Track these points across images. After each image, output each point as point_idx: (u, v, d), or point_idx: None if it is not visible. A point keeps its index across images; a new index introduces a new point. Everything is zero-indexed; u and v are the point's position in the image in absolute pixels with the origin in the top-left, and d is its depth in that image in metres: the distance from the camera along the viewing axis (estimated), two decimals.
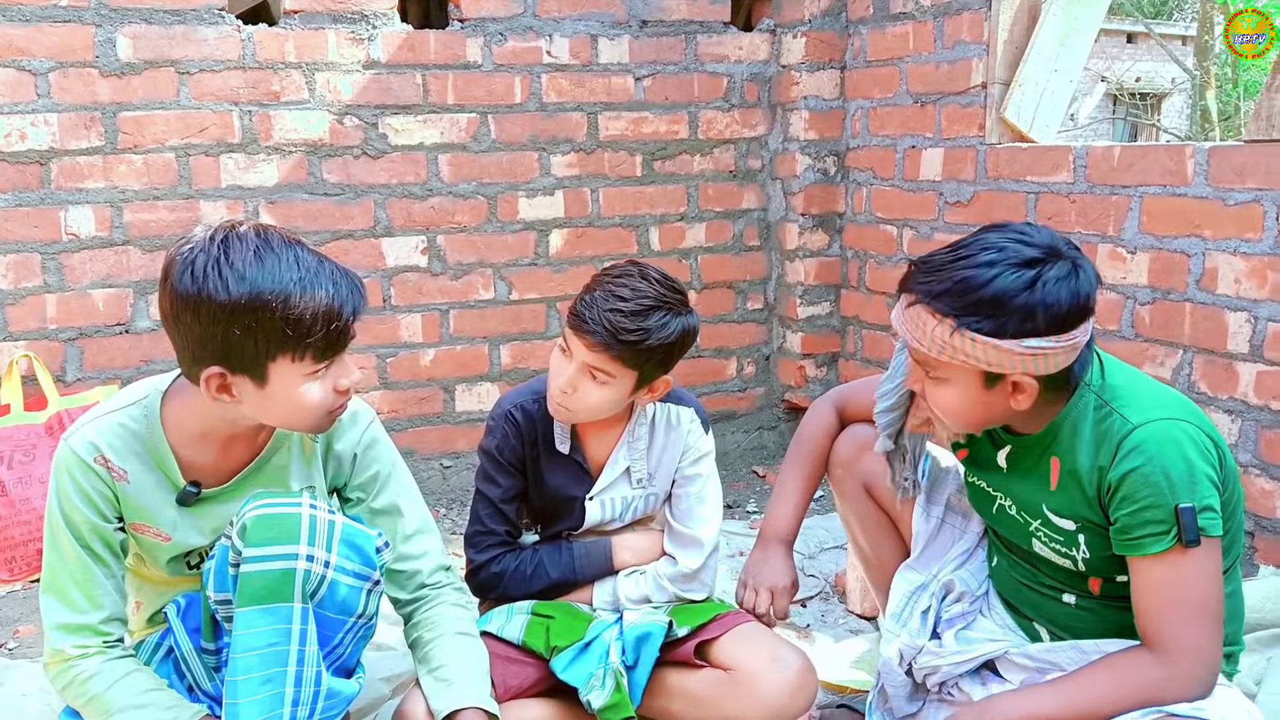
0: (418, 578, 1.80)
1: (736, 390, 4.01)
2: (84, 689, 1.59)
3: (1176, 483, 1.46)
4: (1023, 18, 3.17)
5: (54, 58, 3.04)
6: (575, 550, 2.01)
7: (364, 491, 1.79)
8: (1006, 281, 1.45)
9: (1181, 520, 1.45)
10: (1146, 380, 1.61)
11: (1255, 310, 2.54)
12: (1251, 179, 2.52)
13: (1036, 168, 3.08)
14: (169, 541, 1.66)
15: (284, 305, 1.46)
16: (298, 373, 1.52)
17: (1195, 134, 13.70)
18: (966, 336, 1.48)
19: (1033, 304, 1.45)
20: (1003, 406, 1.56)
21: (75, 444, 1.59)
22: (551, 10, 3.53)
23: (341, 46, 3.31)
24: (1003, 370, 1.50)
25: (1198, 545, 1.46)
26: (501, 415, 2.01)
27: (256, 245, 1.48)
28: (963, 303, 1.47)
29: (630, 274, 1.90)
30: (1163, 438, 1.48)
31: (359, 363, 3.45)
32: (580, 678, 1.87)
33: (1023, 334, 1.46)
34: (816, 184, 3.83)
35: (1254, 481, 2.58)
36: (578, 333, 1.86)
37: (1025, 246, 1.49)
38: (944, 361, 1.52)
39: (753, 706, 1.82)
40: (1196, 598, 1.48)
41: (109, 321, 3.20)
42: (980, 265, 1.47)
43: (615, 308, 1.84)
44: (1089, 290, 1.49)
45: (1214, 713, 1.46)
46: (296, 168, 3.32)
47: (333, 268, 1.53)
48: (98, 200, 3.14)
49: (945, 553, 1.89)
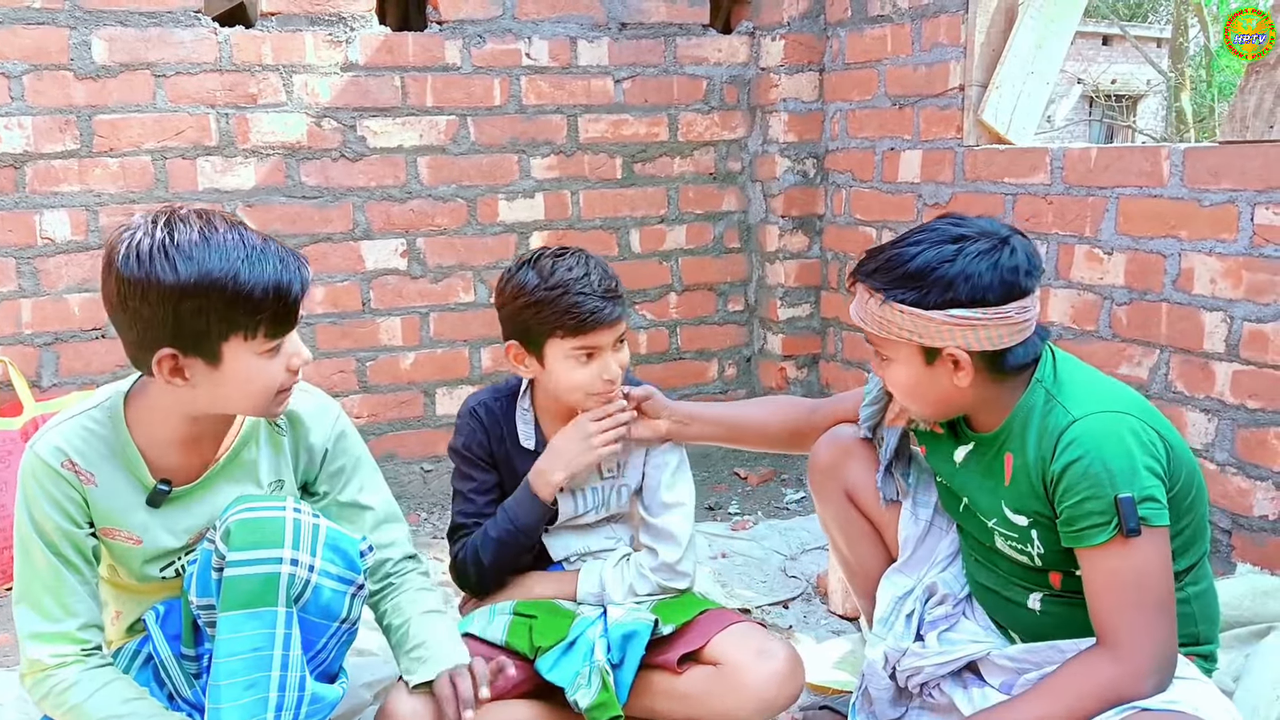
0: (384, 567, 1.82)
1: (718, 392, 4.02)
2: (62, 699, 1.57)
3: (1116, 474, 1.49)
4: (999, 20, 3.19)
5: (28, 60, 3.01)
6: (506, 504, 2.00)
7: (332, 483, 1.79)
8: (928, 255, 1.56)
9: (1121, 510, 1.48)
10: (1095, 375, 1.64)
11: (1231, 310, 2.56)
12: (1226, 180, 2.54)
13: (1014, 169, 3.10)
14: (140, 544, 1.65)
15: (233, 283, 1.47)
16: (250, 351, 1.53)
17: (1171, 135, 13.82)
18: (894, 308, 1.57)
19: (952, 275, 1.54)
20: (947, 385, 1.60)
21: (41, 450, 1.58)
22: (530, 12, 3.53)
23: (319, 49, 3.29)
24: (933, 342, 1.57)
25: (1139, 535, 1.49)
26: (466, 412, 2.05)
27: (200, 227, 1.49)
28: (889, 277, 1.58)
29: (537, 264, 1.91)
30: (1101, 430, 1.52)
31: (338, 366, 3.45)
32: (566, 677, 1.87)
33: (945, 304, 1.54)
34: (796, 186, 3.84)
35: (1230, 480, 2.61)
36: (597, 329, 1.87)
37: (956, 228, 1.59)
38: (883, 338, 1.62)
39: (742, 700, 1.82)
40: (1142, 589, 1.50)
41: (85, 326, 3.17)
42: (909, 244, 1.59)
43: (586, 277, 1.87)
44: (1014, 265, 1.55)
45: (1188, 706, 1.47)
46: (274, 171, 3.30)
47: (277, 246, 1.54)
48: (73, 204, 3.12)
49: (932, 555, 1.90)
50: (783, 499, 3.53)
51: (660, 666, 1.89)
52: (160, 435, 1.63)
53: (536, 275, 1.89)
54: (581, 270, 1.89)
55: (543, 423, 2.04)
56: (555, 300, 1.86)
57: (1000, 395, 1.62)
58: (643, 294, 3.85)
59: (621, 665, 1.87)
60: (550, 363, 1.92)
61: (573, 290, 1.86)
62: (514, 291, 1.91)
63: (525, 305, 1.89)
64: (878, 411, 1.89)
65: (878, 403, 1.88)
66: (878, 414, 1.89)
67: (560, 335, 1.88)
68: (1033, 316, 1.59)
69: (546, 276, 1.88)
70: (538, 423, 2.04)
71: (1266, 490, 2.53)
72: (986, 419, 1.67)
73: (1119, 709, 1.48)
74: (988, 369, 1.59)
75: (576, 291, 1.86)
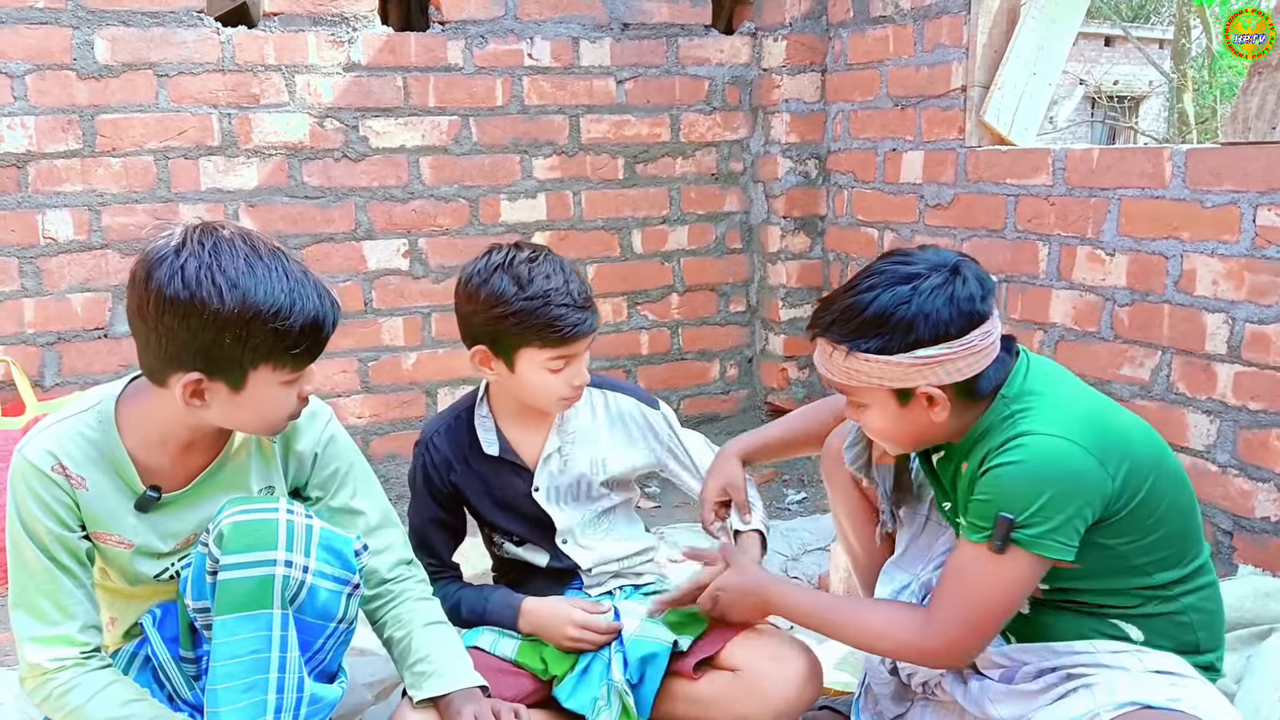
0: (378, 574, 1.79)
1: (719, 393, 4.02)
2: (63, 702, 1.56)
3: (1016, 495, 1.51)
4: (1001, 21, 3.19)
5: (31, 60, 3.01)
6: (490, 603, 1.98)
7: (324, 489, 1.77)
8: (883, 300, 1.54)
9: (998, 526, 1.52)
10: (1067, 390, 1.62)
11: (1233, 311, 2.56)
12: (1228, 181, 2.54)
13: (1016, 170, 3.09)
14: (131, 549, 1.64)
15: (275, 317, 1.47)
16: (274, 380, 1.53)
17: (1173, 136, 13.81)
18: (860, 359, 1.56)
19: (911, 316, 1.53)
20: (925, 421, 1.61)
21: (31, 454, 1.57)
22: (532, 13, 3.53)
23: (322, 49, 3.29)
24: (905, 385, 1.56)
25: (1003, 554, 1.52)
26: (420, 444, 2.04)
27: (246, 253, 1.48)
28: (848, 328, 1.57)
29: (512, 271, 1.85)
30: (1037, 453, 1.51)
31: (340, 366, 3.45)
32: (585, 703, 1.86)
33: (909, 346, 1.54)
34: (798, 187, 3.84)
35: (1232, 481, 2.60)
36: (574, 340, 1.85)
37: (904, 266, 1.57)
38: (854, 386, 1.61)
39: (762, 704, 1.81)
40: (978, 594, 1.56)
41: (87, 326, 3.17)
42: (862, 291, 1.57)
43: (565, 286, 1.84)
44: (969, 295, 1.54)
45: (1189, 705, 1.47)
46: (276, 170, 3.31)
47: (315, 280, 1.54)
48: (75, 203, 3.12)
49: (929, 550, 1.90)
50: (784, 500, 3.53)
51: (676, 673, 1.88)
52: (153, 441, 1.61)
53: (514, 284, 1.82)
54: (560, 279, 1.84)
55: (503, 426, 2.01)
56: (536, 312, 1.81)
57: (977, 415, 1.63)
58: (644, 294, 3.85)
59: (641, 684, 1.86)
60: (521, 370, 1.88)
61: (554, 302, 1.81)
62: (489, 300, 1.84)
63: (502, 315, 1.83)
64: (862, 452, 1.88)
65: (859, 443, 1.88)
66: (863, 454, 1.88)
67: (538, 346, 1.84)
68: (996, 338, 1.59)
69: (524, 286, 1.82)
70: (499, 428, 2.01)
71: (1268, 492, 2.53)
72: (955, 436, 1.68)
73: (1117, 703, 1.48)
74: (962, 396, 1.59)
75: (558, 304, 1.81)
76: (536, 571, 2.04)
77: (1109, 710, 1.48)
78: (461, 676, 1.70)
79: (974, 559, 1.56)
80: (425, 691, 1.68)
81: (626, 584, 2.06)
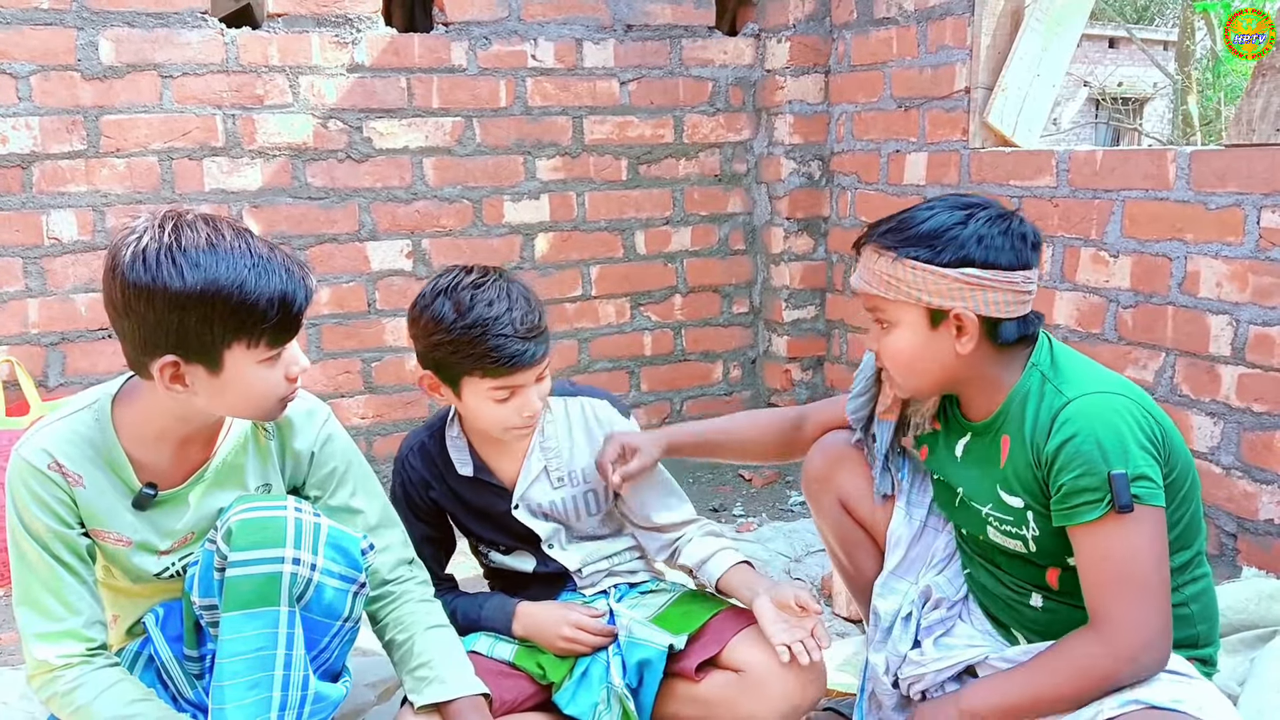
0: (379, 574, 1.78)
1: (722, 394, 4.02)
2: (69, 699, 1.57)
3: (1108, 451, 1.49)
4: (1005, 23, 3.19)
5: (35, 61, 3.02)
6: (484, 609, 1.97)
7: (322, 488, 1.77)
8: (942, 218, 1.58)
9: (1114, 486, 1.47)
10: (1090, 363, 1.65)
11: (1237, 313, 2.56)
12: (1232, 183, 2.54)
13: (1019, 172, 3.09)
14: (130, 546, 1.64)
15: (240, 292, 1.46)
16: (251, 359, 1.52)
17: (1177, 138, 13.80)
18: (906, 265, 1.58)
19: (966, 235, 1.56)
20: (948, 352, 1.60)
21: (27, 453, 1.57)
22: (536, 14, 3.53)
23: (325, 50, 3.30)
24: (942, 302, 1.57)
25: (1131, 512, 1.47)
26: (397, 462, 2.03)
27: (208, 233, 1.48)
28: (902, 236, 1.60)
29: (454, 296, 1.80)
30: (1094, 410, 1.52)
31: (343, 367, 3.45)
32: (585, 709, 1.85)
33: (958, 263, 1.56)
34: (801, 188, 3.84)
35: (1236, 483, 2.60)
36: (515, 371, 1.79)
37: (964, 199, 1.63)
38: (890, 301, 1.61)
39: (766, 705, 1.80)
40: (1133, 568, 1.48)
41: (91, 326, 3.18)
42: (920, 209, 1.63)
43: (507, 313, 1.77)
44: (1024, 234, 1.58)
45: (1191, 706, 1.47)
46: (280, 171, 3.31)
47: (283, 254, 1.54)
48: (80, 204, 3.12)
49: (928, 555, 1.89)
50: (787, 501, 3.53)
51: (678, 674, 1.87)
52: (149, 438, 1.61)
53: (453, 310, 1.77)
54: (502, 306, 1.77)
55: (476, 445, 1.98)
56: (473, 342, 1.76)
57: (994, 374, 1.63)
58: (648, 296, 3.85)
59: (640, 688, 1.86)
60: (467, 398, 1.85)
61: (491, 332, 1.75)
62: (429, 325, 1.80)
63: (440, 343, 1.79)
64: (866, 403, 1.86)
65: (865, 393, 1.86)
66: (866, 405, 1.86)
67: (479, 375, 1.80)
68: (1034, 292, 1.61)
69: (464, 313, 1.76)
70: (472, 448, 1.98)
71: (1272, 494, 2.53)
72: (980, 403, 1.67)
73: (1121, 701, 1.48)
74: (988, 338, 1.60)
75: (495, 334, 1.75)
76: (528, 577, 2.04)
77: (1112, 708, 1.48)
78: (464, 683, 1.69)
79: (1107, 536, 1.49)
80: (427, 697, 1.67)
81: (620, 582, 2.05)
